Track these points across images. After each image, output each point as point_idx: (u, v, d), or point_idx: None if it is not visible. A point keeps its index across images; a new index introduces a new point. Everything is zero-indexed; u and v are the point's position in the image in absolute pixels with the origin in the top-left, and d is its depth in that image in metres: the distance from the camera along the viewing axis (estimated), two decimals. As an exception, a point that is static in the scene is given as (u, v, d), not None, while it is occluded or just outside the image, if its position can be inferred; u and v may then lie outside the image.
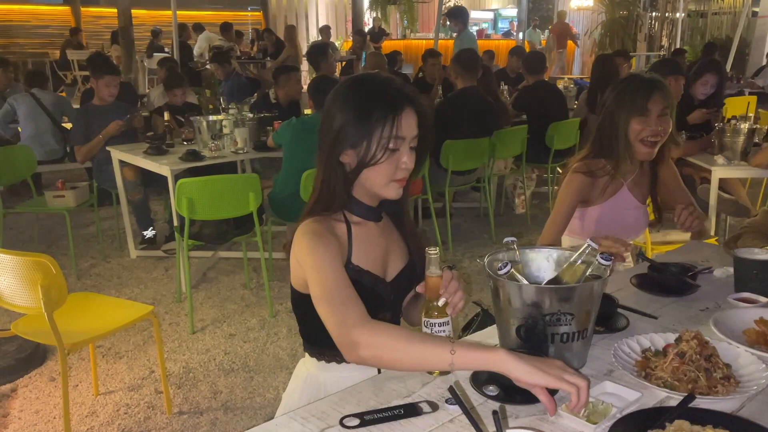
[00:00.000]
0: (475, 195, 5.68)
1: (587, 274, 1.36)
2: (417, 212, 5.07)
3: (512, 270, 1.34)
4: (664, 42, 14.55)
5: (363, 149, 1.33)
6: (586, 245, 1.39)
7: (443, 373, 1.31)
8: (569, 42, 13.65)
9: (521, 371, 1.09)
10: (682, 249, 2.16)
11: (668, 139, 2.12)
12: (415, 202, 4.94)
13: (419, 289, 1.34)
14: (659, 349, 1.38)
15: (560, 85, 6.69)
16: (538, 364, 1.10)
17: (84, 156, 4.57)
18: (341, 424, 1.18)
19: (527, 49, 10.36)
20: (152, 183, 4.46)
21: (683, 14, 13.07)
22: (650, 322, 1.57)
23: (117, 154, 4.31)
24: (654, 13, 14.70)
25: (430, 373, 1.32)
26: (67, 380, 2.30)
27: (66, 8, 13.51)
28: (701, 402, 1.19)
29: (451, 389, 1.03)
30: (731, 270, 1.81)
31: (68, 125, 5.52)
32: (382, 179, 1.36)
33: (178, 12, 8.04)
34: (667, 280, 1.74)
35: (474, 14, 16.55)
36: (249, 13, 15.20)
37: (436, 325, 1.27)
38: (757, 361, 1.31)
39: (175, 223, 3.75)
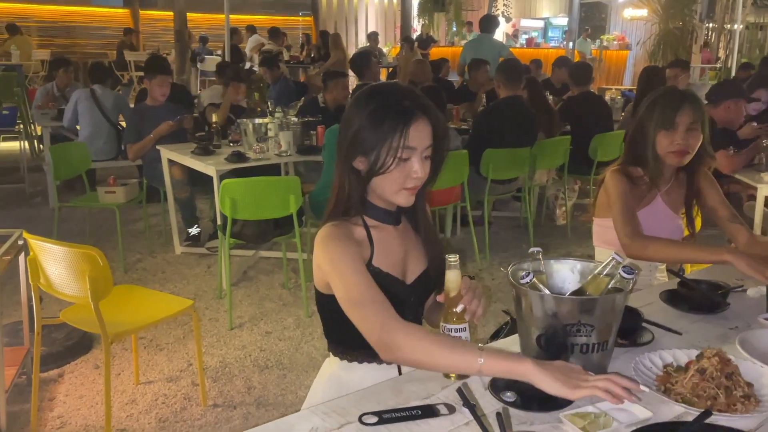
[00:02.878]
0: (515, 204, 5.66)
1: (610, 286, 1.38)
2: (456, 220, 5.09)
3: (534, 279, 1.36)
4: (721, 54, 14.16)
5: (374, 157, 1.37)
6: (611, 258, 1.41)
7: (460, 377, 1.35)
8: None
9: (544, 384, 1.16)
10: (717, 267, 2.13)
11: (702, 151, 2.11)
12: (454, 209, 4.96)
13: (439, 298, 1.36)
14: (681, 365, 1.38)
15: (607, 96, 6.61)
16: (559, 376, 1.16)
17: (135, 154, 4.75)
18: (360, 421, 1.22)
19: (577, 59, 10.26)
20: (199, 182, 4.59)
21: (741, 26, 12.71)
22: (676, 338, 1.56)
23: (166, 153, 4.46)
24: (711, 24, 14.35)
25: (447, 376, 1.36)
26: (110, 368, 2.41)
27: (125, 11, 14.03)
28: (718, 419, 1.19)
29: (459, 390, 1.07)
30: (765, 290, 1.78)
31: (124, 123, 5.73)
32: (392, 187, 1.39)
33: (231, 16, 8.28)
34: (696, 297, 1.73)
35: (524, 22, 16.44)
36: (300, 18, 15.47)
37: (453, 330, 1.31)
38: (781, 381, 1.30)
39: (219, 222, 3.86)
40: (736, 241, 2.16)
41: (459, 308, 1.30)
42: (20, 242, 2.59)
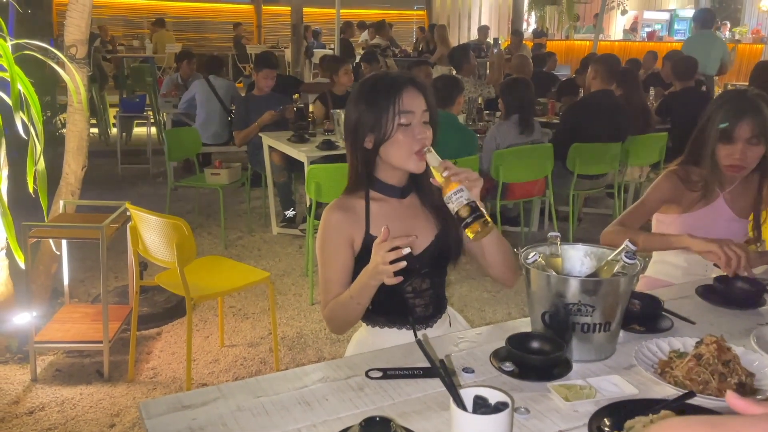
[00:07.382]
0: (609, 201, 5.53)
1: (616, 271, 1.43)
2: (543, 214, 5.07)
3: (539, 259, 1.44)
4: None
5: (377, 129, 1.53)
6: (624, 245, 1.46)
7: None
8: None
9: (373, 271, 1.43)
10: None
11: (764, 162, 2.03)
12: (542, 203, 4.95)
13: (432, 181, 1.47)
14: (688, 352, 1.41)
15: (719, 92, 6.24)
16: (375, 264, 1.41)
17: (241, 140, 5.14)
18: (366, 374, 1.37)
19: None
20: (298, 168, 4.88)
21: None
22: (694, 328, 1.58)
23: (266, 140, 4.80)
24: None
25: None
26: (192, 324, 2.72)
27: (250, 6, 14.87)
28: (703, 402, 1.22)
29: (418, 342, 1.18)
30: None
31: (235, 111, 6.16)
32: (402, 152, 1.53)
33: (346, 10, 8.65)
34: (728, 292, 1.72)
35: (647, 15, 15.71)
36: (414, 12, 15.68)
37: (453, 195, 1.40)
38: (784, 373, 1.30)
39: (307, 204, 4.12)
40: None
41: (445, 174, 1.41)
42: (127, 213, 2.96)
